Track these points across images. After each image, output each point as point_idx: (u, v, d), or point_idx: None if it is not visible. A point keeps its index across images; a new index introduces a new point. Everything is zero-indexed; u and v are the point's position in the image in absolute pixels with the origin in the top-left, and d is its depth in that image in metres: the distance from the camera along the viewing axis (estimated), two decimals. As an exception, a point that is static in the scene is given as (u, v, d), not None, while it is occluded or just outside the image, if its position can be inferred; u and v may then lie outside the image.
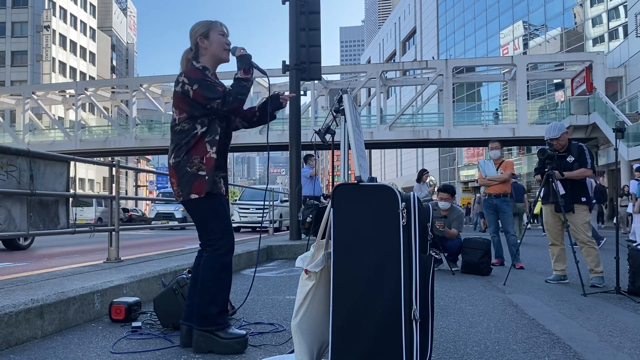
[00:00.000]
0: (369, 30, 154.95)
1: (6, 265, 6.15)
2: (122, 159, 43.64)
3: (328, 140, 2.89)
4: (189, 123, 2.53)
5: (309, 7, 8.09)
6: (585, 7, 33.22)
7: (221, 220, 2.59)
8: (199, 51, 2.63)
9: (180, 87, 2.53)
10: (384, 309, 1.91)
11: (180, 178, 2.54)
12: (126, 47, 78.94)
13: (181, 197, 2.56)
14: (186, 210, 2.63)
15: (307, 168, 9.50)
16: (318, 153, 21.27)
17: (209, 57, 2.63)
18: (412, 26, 60.12)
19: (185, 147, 2.53)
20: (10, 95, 36.56)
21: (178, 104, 2.56)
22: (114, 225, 4.87)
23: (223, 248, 2.56)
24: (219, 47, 2.62)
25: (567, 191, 4.88)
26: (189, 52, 2.68)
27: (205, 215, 2.57)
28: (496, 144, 6.86)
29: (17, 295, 2.84)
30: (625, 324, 3.20)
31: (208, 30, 2.62)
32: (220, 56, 2.65)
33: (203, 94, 2.48)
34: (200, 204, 2.54)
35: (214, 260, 2.54)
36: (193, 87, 2.49)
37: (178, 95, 2.55)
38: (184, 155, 2.53)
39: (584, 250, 4.86)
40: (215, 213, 2.57)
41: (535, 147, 27.42)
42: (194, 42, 2.64)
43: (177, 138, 2.56)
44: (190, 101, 2.52)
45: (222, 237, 2.57)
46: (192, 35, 2.65)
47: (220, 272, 2.55)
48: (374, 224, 1.97)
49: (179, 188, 2.55)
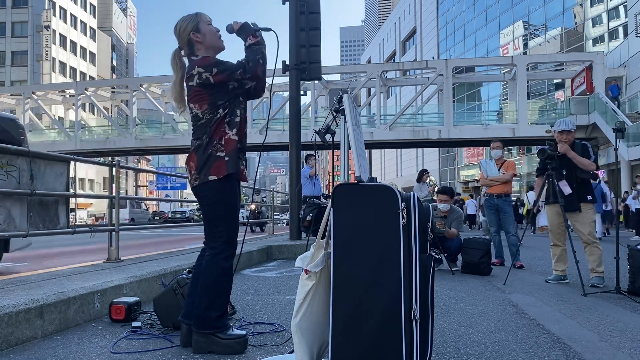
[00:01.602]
0: (369, 30, 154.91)
1: (6, 265, 6.15)
2: (122, 159, 43.62)
3: (328, 140, 2.89)
4: (212, 111, 2.50)
5: (309, 7, 8.09)
6: (585, 7, 33.21)
7: (231, 218, 2.55)
8: (194, 46, 2.59)
9: (197, 79, 2.48)
10: (384, 308, 1.91)
11: (199, 160, 2.50)
12: (126, 47, 78.92)
13: (198, 181, 2.50)
14: (199, 197, 2.55)
15: (307, 168, 9.49)
16: (318, 153, 21.24)
17: (205, 49, 2.59)
18: (412, 26, 60.10)
19: (208, 132, 2.50)
20: (10, 95, 36.53)
21: (197, 98, 2.51)
22: (114, 225, 4.87)
23: (225, 252, 2.54)
24: (213, 36, 2.59)
25: (573, 190, 4.87)
26: (179, 51, 2.63)
27: (219, 203, 2.50)
28: (498, 143, 6.87)
29: (17, 295, 2.84)
30: (625, 324, 3.20)
31: (197, 23, 2.58)
32: (217, 44, 2.61)
33: (223, 72, 2.45)
34: (216, 187, 2.49)
35: (215, 265, 2.53)
36: (212, 73, 2.46)
37: (196, 89, 2.50)
38: (206, 138, 2.50)
39: (587, 250, 4.84)
40: (227, 204, 2.52)
41: (535, 147, 27.43)
42: (185, 39, 2.59)
43: (201, 125, 2.52)
44: (210, 90, 2.48)
45: (227, 241, 2.54)
46: (182, 33, 2.59)
47: (220, 276, 2.53)
48: (374, 224, 1.97)
49: (197, 171, 2.50)
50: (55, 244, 10.77)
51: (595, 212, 9.62)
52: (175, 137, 30.59)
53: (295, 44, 8.10)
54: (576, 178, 4.89)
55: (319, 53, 8.14)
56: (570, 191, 4.86)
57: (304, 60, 8.11)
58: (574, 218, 4.93)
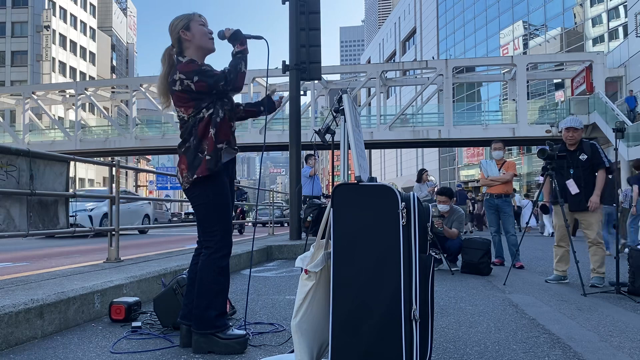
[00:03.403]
0: (369, 30, 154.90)
1: (6, 265, 6.15)
2: (122, 159, 43.60)
3: (328, 140, 2.89)
4: (198, 113, 2.53)
5: (309, 7, 8.09)
6: (585, 7, 33.20)
7: (224, 217, 2.57)
8: (183, 44, 2.61)
9: (179, 85, 2.51)
10: (383, 308, 1.91)
11: (189, 162, 2.52)
12: (126, 47, 78.91)
13: (189, 184, 2.53)
14: (191, 198, 2.58)
15: (307, 168, 9.50)
16: (318, 153, 21.24)
17: (194, 49, 2.61)
18: (412, 26, 60.08)
19: (195, 133, 2.53)
20: (10, 95, 36.50)
21: (181, 102, 2.54)
22: (114, 225, 4.86)
23: (221, 251, 2.55)
24: (203, 36, 2.61)
25: (580, 190, 4.85)
26: (170, 48, 2.66)
27: (212, 202, 2.53)
28: (499, 144, 6.86)
29: (17, 295, 2.84)
30: (625, 324, 3.20)
31: (188, 22, 2.61)
32: (206, 45, 2.63)
33: (205, 81, 2.48)
34: (206, 186, 2.52)
35: (211, 264, 2.54)
36: (194, 80, 2.48)
37: (179, 94, 2.53)
38: (194, 140, 2.53)
39: (591, 250, 4.82)
40: (222, 204, 2.55)
41: (535, 147, 27.42)
42: (175, 37, 2.62)
43: (188, 127, 2.55)
44: (192, 95, 2.51)
45: (222, 240, 2.56)
46: (173, 31, 2.62)
47: (217, 275, 2.54)
48: (374, 224, 1.97)
49: (189, 173, 2.52)
50: (55, 244, 10.78)
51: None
52: (175, 137, 30.55)
53: (295, 44, 8.10)
54: (584, 178, 4.86)
55: (319, 53, 8.15)
56: (578, 191, 4.82)
57: (304, 60, 8.11)
58: (582, 218, 4.90)
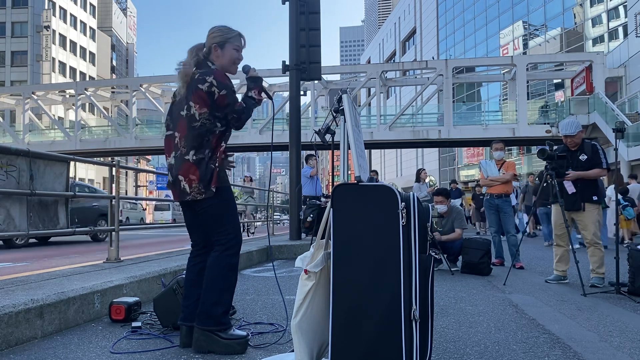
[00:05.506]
0: (369, 30, 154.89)
1: (6, 265, 6.15)
2: (122, 159, 43.62)
3: (328, 140, 2.89)
4: (211, 120, 2.56)
5: (309, 7, 8.09)
6: (585, 7, 33.20)
7: (235, 218, 2.65)
8: (211, 55, 2.66)
9: (207, 87, 2.52)
10: (383, 309, 1.91)
11: (203, 174, 2.53)
12: (126, 47, 78.90)
13: (203, 195, 2.53)
14: (205, 208, 2.57)
15: (307, 168, 9.50)
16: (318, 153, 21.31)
17: (219, 65, 2.67)
18: (412, 26, 60.08)
19: (207, 144, 2.55)
20: (10, 95, 36.49)
21: (200, 99, 2.54)
22: (114, 225, 4.87)
23: (233, 249, 2.60)
24: (229, 61, 2.67)
25: (577, 190, 4.84)
26: (201, 47, 2.69)
27: (224, 209, 2.59)
28: (500, 144, 6.85)
29: (17, 295, 2.84)
30: (625, 324, 3.20)
31: (225, 42, 2.65)
32: (228, 70, 2.69)
33: (228, 102, 2.55)
34: (220, 196, 2.57)
35: (223, 261, 2.57)
36: (220, 92, 2.53)
37: (202, 92, 2.53)
38: (208, 152, 2.55)
39: (589, 250, 4.82)
40: (232, 208, 2.63)
41: (535, 147, 27.42)
42: (208, 44, 2.67)
43: (198, 134, 2.55)
44: (211, 102, 2.55)
45: (235, 237, 2.61)
46: (209, 39, 2.67)
47: (228, 272, 2.57)
48: (374, 224, 1.97)
49: (201, 184, 2.53)
50: (55, 244, 10.77)
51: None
52: (175, 137, 30.48)
53: (295, 44, 8.10)
54: (581, 178, 4.85)
55: (319, 53, 8.15)
56: (574, 190, 4.83)
57: (304, 60, 8.11)
58: (578, 218, 4.90)
